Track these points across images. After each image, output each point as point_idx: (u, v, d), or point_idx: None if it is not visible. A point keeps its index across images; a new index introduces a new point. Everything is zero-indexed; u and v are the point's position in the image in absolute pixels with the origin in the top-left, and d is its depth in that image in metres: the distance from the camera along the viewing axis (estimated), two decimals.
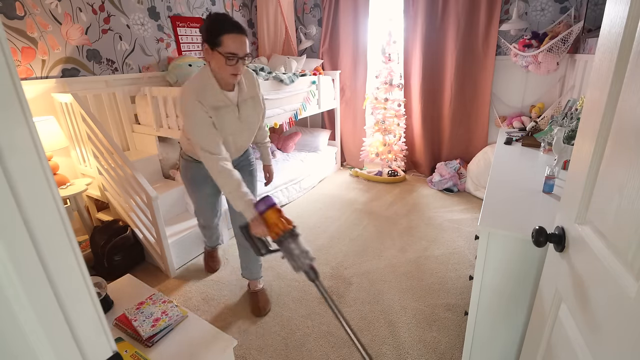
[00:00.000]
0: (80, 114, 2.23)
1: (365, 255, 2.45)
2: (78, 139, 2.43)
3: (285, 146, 3.94)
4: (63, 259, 0.43)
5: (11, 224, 0.37)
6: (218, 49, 1.36)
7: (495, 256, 1.22)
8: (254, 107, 1.64)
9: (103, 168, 2.31)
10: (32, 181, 0.39)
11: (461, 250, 2.46)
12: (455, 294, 2.04)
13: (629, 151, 0.59)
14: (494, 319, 1.31)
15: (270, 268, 2.34)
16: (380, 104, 3.61)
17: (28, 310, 0.39)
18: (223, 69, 1.40)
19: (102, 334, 0.49)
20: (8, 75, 0.36)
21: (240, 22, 3.75)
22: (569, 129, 1.66)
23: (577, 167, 0.80)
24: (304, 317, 1.91)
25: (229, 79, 1.44)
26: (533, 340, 1.02)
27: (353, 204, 3.28)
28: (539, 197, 1.42)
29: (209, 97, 1.44)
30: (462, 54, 3.28)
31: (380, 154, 3.76)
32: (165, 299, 1.38)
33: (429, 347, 1.69)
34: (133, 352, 1.16)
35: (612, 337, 0.60)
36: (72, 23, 2.43)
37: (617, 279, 0.59)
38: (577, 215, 0.78)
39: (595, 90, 0.74)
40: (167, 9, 3.03)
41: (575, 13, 2.74)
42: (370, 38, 3.72)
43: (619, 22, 0.64)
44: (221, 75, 1.44)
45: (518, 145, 2.32)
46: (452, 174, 3.47)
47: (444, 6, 3.24)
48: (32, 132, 0.39)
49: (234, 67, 1.39)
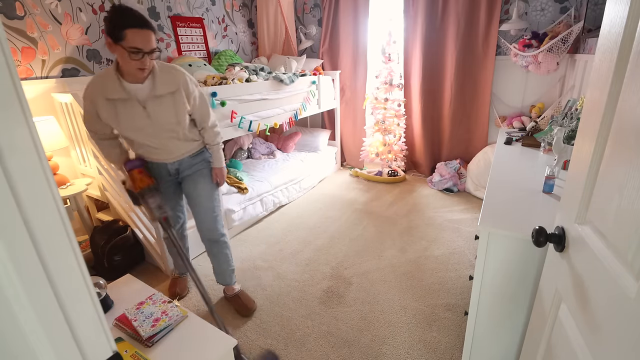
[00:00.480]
0: (80, 114, 2.22)
1: (365, 255, 2.45)
2: (78, 139, 2.43)
3: (285, 146, 3.94)
4: (63, 259, 0.43)
5: (11, 224, 0.37)
6: (121, 43, 1.32)
7: (495, 256, 1.22)
8: (172, 105, 1.52)
9: (103, 168, 2.31)
10: (32, 181, 0.39)
11: (461, 250, 2.46)
12: (455, 294, 2.04)
13: (629, 151, 0.59)
14: (494, 319, 1.31)
15: (270, 268, 2.34)
16: (380, 104, 3.61)
17: (28, 310, 0.39)
18: (128, 63, 1.36)
19: (102, 334, 0.49)
20: (8, 75, 0.36)
21: (240, 22, 3.80)
22: (569, 129, 1.66)
23: (577, 167, 0.80)
24: (304, 317, 1.91)
25: (136, 73, 1.40)
26: (533, 340, 1.02)
27: (353, 204, 3.28)
28: (539, 197, 1.42)
29: (102, 88, 1.43)
30: (462, 54, 3.28)
31: (380, 154, 3.76)
32: (165, 299, 1.38)
33: (429, 347, 1.69)
34: (133, 352, 1.16)
35: (612, 337, 0.60)
36: (72, 23, 2.43)
37: (617, 279, 0.59)
38: (577, 215, 0.78)
39: (595, 90, 0.74)
40: (167, 9, 3.03)
41: (575, 13, 2.75)
42: (370, 38, 3.72)
43: (619, 22, 0.64)
44: (126, 68, 1.40)
45: (518, 145, 2.32)
46: (452, 174, 3.47)
47: (444, 6, 3.24)
48: (32, 132, 0.39)
49: (140, 62, 1.36)
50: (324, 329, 1.82)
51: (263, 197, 2.97)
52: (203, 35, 3.40)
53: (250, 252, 2.55)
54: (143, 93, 1.47)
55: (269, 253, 2.53)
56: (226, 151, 3.57)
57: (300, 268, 2.33)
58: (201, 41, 3.39)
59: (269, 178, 3.09)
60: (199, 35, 3.35)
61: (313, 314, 1.93)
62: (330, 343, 1.74)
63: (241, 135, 3.07)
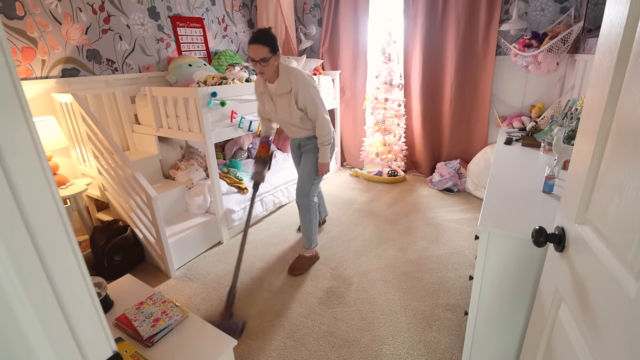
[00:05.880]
0: (80, 114, 2.23)
1: (365, 255, 2.45)
2: (78, 139, 2.43)
3: (285, 146, 3.94)
4: (63, 259, 0.43)
5: (11, 224, 0.37)
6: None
7: (495, 256, 1.22)
8: (286, 103, 2.02)
9: (103, 168, 2.31)
10: (32, 181, 0.39)
11: (461, 250, 2.46)
12: (455, 294, 2.04)
13: (628, 151, 0.59)
14: (494, 319, 1.31)
15: (271, 268, 2.34)
16: (380, 104, 3.61)
17: (28, 310, 0.39)
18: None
19: (102, 334, 0.49)
20: (8, 75, 0.36)
21: (240, 22, 3.81)
22: (569, 129, 1.66)
23: (577, 167, 0.80)
24: (304, 317, 1.91)
25: (260, 76, 1.99)
26: (533, 341, 1.02)
27: (353, 204, 3.28)
28: (539, 197, 1.42)
29: (259, 84, 2.13)
30: (462, 54, 3.27)
31: (380, 154, 3.76)
32: (165, 299, 1.38)
33: (429, 347, 1.69)
34: (133, 352, 1.16)
35: (612, 337, 0.60)
36: (72, 23, 2.43)
37: (617, 279, 0.59)
38: (577, 215, 0.78)
39: (595, 90, 0.74)
40: (167, 9, 3.03)
41: (575, 13, 2.75)
42: (370, 38, 3.72)
43: (619, 22, 0.64)
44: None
45: (518, 145, 2.32)
46: (452, 174, 3.47)
47: (444, 6, 3.24)
48: (32, 132, 0.39)
49: (255, 67, 1.89)
50: (324, 329, 1.82)
51: (263, 197, 2.97)
52: (203, 35, 3.40)
53: (250, 252, 2.55)
54: (272, 90, 2.04)
55: (269, 253, 2.53)
56: (226, 151, 3.57)
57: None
58: (201, 41, 3.39)
59: (269, 178, 3.09)
60: (199, 35, 3.35)
61: (313, 314, 1.93)
62: (330, 343, 1.74)
63: (241, 135, 3.07)
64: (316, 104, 2.01)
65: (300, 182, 2.26)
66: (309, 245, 2.35)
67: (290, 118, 2.07)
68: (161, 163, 2.81)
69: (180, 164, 2.83)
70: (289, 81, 1.96)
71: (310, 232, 2.32)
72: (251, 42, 1.82)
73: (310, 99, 1.99)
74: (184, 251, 2.41)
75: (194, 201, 2.61)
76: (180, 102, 2.36)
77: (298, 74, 1.96)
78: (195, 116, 2.32)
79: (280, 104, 2.05)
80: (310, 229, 2.32)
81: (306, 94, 1.97)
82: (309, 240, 2.34)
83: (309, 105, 2.01)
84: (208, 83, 2.55)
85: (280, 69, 1.96)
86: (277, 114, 2.11)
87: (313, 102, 2.00)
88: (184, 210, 2.70)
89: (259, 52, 1.82)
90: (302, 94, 1.97)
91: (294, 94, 1.97)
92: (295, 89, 1.96)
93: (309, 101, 1.99)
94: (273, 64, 1.90)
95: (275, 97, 2.04)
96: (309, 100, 1.99)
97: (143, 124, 2.78)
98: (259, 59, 1.83)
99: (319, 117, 2.05)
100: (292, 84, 1.96)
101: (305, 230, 2.32)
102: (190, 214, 2.66)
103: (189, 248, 2.44)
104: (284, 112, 2.07)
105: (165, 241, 2.18)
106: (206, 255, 2.53)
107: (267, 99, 2.08)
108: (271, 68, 1.90)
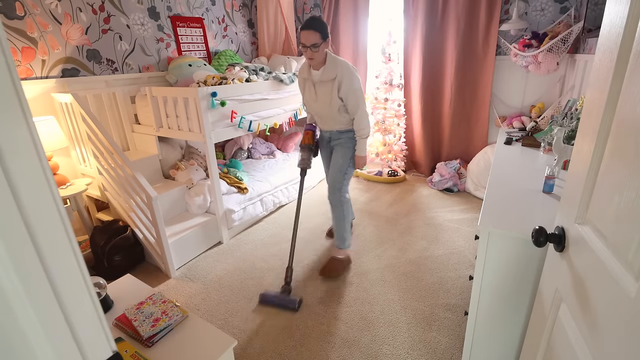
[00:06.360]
0: (80, 114, 2.23)
1: (365, 255, 2.45)
2: (78, 139, 2.43)
3: (285, 146, 3.94)
4: (63, 259, 0.43)
5: (11, 224, 0.37)
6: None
7: (495, 256, 1.22)
8: (329, 90, 2.03)
9: (103, 168, 2.31)
10: (32, 181, 0.39)
11: (461, 250, 2.46)
12: (455, 294, 2.04)
13: (628, 151, 0.59)
14: (494, 319, 1.31)
15: (271, 268, 2.34)
16: (380, 104, 3.61)
17: (28, 310, 0.39)
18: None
19: (102, 334, 0.49)
20: (8, 75, 0.36)
21: (240, 22, 3.81)
22: (569, 129, 1.66)
23: (577, 167, 0.80)
24: (304, 317, 1.91)
25: (309, 62, 2.03)
26: (533, 341, 1.02)
27: (353, 204, 3.28)
28: (539, 197, 1.42)
29: (303, 70, 2.15)
30: (462, 54, 3.27)
31: (380, 154, 3.76)
32: (165, 299, 1.38)
33: (429, 347, 1.69)
34: (133, 352, 1.16)
35: (613, 337, 0.60)
36: (72, 23, 2.43)
37: (617, 279, 0.59)
38: (577, 215, 0.78)
39: (595, 90, 0.74)
40: (167, 9, 3.03)
41: (575, 13, 2.74)
42: (370, 38, 3.72)
43: (619, 22, 0.64)
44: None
45: (518, 145, 2.32)
46: (452, 174, 3.47)
47: (444, 6, 3.24)
48: (32, 132, 0.39)
49: (305, 53, 1.95)
50: (324, 329, 1.82)
51: (263, 197, 2.97)
52: (203, 35, 3.40)
53: (250, 252, 2.55)
54: (316, 77, 2.06)
55: (269, 253, 2.53)
56: (226, 151, 3.57)
57: (301, 268, 2.33)
58: (201, 41, 3.39)
59: (269, 178, 3.09)
60: (199, 35, 3.35)
61: (313, 314, 1.93)
62: (330, 343, 1.74)
63: (241, 135, 3.07)
64: (357, 96, 2.04)
65: (332, 177, 2.20)
66: (343, 245, 2.25)
67: (330, 107, 2.07)
68: (161, 163, 2.81)
69: (180, 164, 2.83)
70: (334, 69, 1.98)
71: (343, 229, 2.23)
72: (303, 28, 1.87)
73: (352, 90, 2.01)
74: (184, 251, 2.41)
75: (194, 201, 2.61)
76: (180, 102, 2.36)
77: (344, 64, 2.00)
78: (195, 116, 2.32)
79: (321, 92, 2.06)
80: (344, 226, 2.22)
81: (350, 84, 1.99)
82: (342, 239, 2.25)
83: (351, 96, 2.02)
84: (208, 83, 2.55)
85: (327, 56, 2.00)
86: (316, 101, 2.12)
87: (355, 94, 2.02)
88: (184, 210, 2.70)
89: (310, 37, 1.87)
90: (346, 84, 1.99)
91: (337, 82, 1.99)
92: (340, 77, 1.98)
93: (352, 92, 2.01)
94: (323, 50, 1.95)
95: (317, 85, 2.07)
96: (352, 91, 2.01)
97: (143, 124, 2.78)
98: (310, 44, 1.88)
99: (359, 109, 2.06)
100: (338, 73, 1.98)
101: (337, 228, 2.23)
102: (190, 214, 2.66)
103: (189, 248, 2.44)
104: (324, 101, 2.07)
105: (165, 241, 2.18)
106: (206, 255, 2.53)
107: (309, 85, 2.11)
108: (320, 54, 1.95)
